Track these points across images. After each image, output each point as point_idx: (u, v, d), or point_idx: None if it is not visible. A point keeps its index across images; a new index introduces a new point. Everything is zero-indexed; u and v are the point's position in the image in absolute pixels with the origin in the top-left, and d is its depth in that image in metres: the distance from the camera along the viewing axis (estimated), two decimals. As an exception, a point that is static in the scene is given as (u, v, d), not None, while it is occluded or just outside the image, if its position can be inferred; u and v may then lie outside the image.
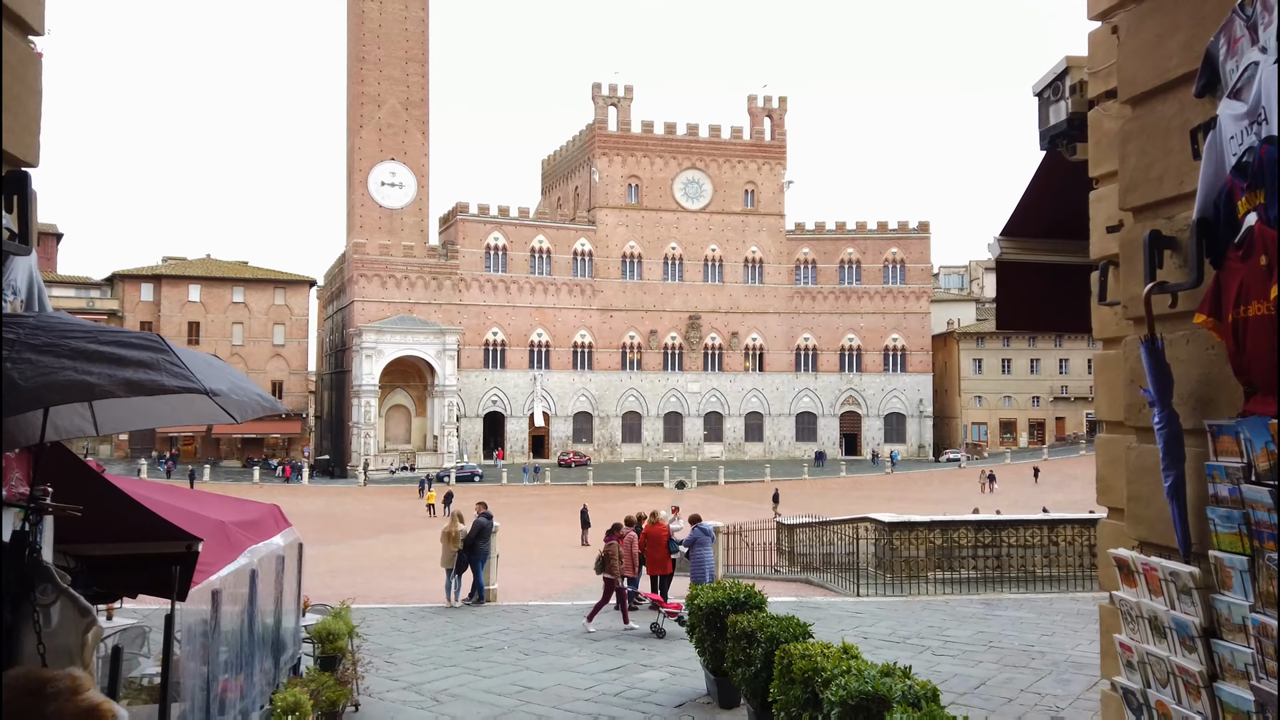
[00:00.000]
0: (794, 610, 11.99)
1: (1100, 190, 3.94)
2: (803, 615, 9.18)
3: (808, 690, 6.93)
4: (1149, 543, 2.98)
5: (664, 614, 13.40)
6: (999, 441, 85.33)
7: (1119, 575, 3.05)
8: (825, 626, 13.12)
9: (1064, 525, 17.82)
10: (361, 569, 26.51)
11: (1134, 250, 2.92)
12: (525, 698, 9.78)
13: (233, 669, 7.13)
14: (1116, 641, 3.07)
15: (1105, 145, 3.86)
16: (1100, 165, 3.92)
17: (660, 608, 13.49)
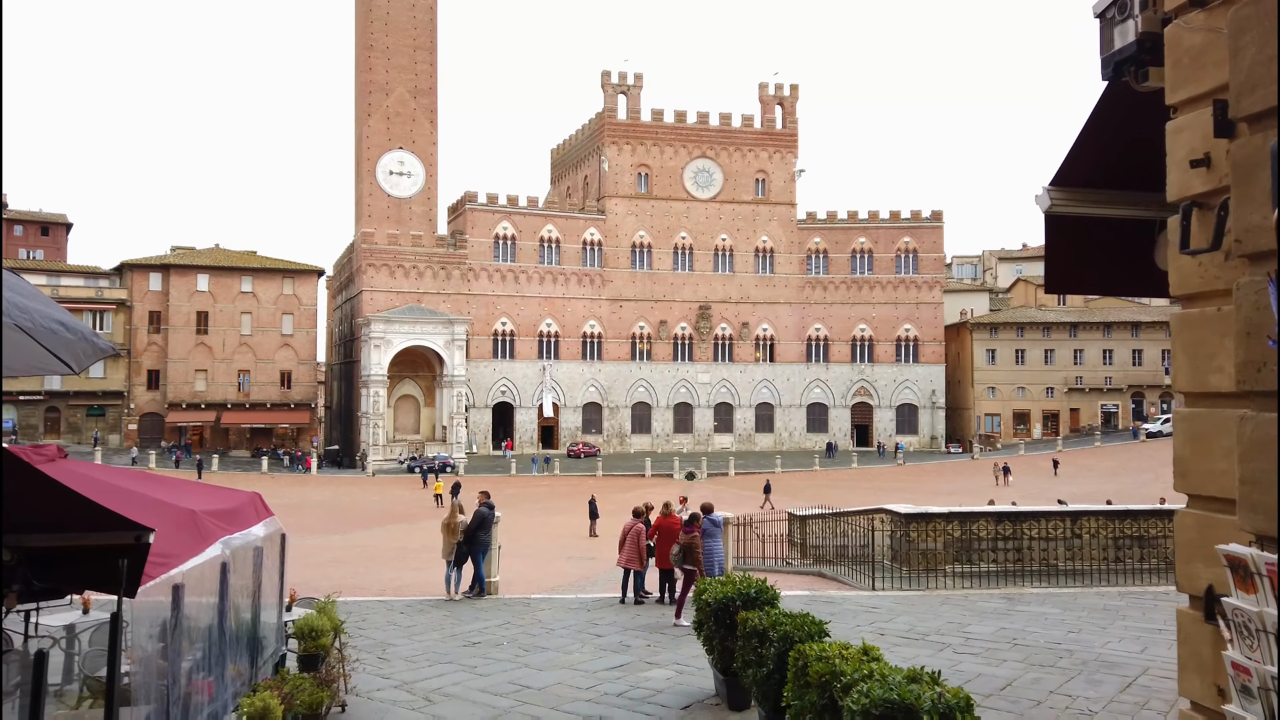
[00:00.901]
0: (807, 605, 11.42)
1: (1180, 119, 3.32)
2: (816, 610, 8.60)
3: (825, 696, 6.34)
4: (1271, 538, 2.36)
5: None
6: (1012, 433, 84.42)
7: (1231, 578, 2.43)
8: (840, 622, 12.54)
9: (1087, 517, 17.17)
10: (365, 559, 26.06)
11: (1252, 168, 2.30)
12: (522, 697, 9.23)
13: (201, 669, 6.59)
14: (1227, 661, 2.44)
15: (1187, 65, 3.24)
16: (1181, 89, 3.29)
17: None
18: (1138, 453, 68.51)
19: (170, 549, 6.22)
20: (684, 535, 13.68)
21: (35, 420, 67.55)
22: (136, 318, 72.16)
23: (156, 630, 5.79)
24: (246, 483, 58.11)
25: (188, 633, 6.39)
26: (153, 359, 72.64)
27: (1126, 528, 17.14)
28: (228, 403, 73.66)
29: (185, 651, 6.30)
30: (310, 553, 27.25)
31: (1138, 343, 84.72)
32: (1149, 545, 17.14)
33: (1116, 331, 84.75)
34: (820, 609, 11.26)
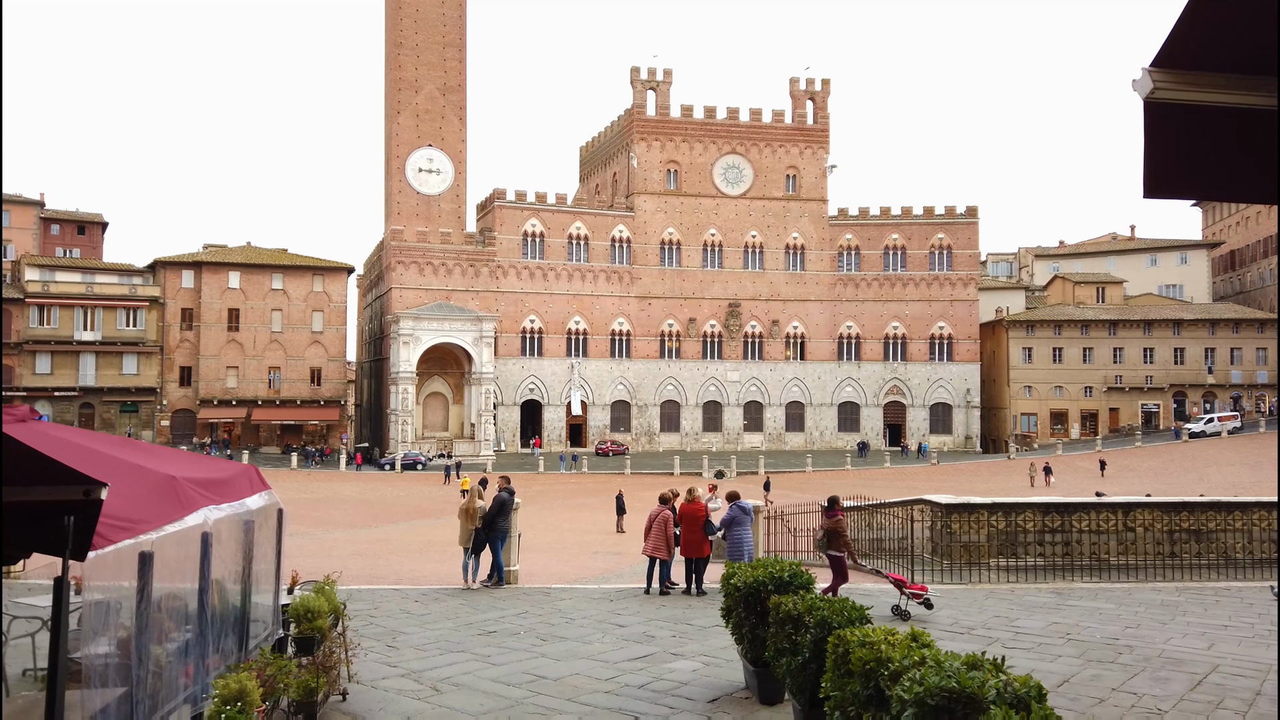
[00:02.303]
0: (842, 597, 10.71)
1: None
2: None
3: (869, 685, 5.61)
4: None
5: (907, 595, 12.20)
6: (1049, 433, 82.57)
7: None
8: (878, 615, 11.79)
9: (1140, 510, 16.21)
10: (387, 552, 25.61)
11: None
12: (536, 688, 8.58)
13: (176, 649, 5.98)
14: None
15: None
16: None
17: (903, 588, 12.28)
18: (1180, 453, 66.67)
19: (140, 514, 5.63)
20: (827, 519, 13.05)
21: (70, 416, 68.16)
22: (169, 315, 72.67)
23: (119, 603, 5.19)
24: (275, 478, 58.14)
25: (161, 608, 5.79)
26: (185, 356, 73.11)
27: (1182, 521, 16.17)
28: (258, 399, 73.96)
29: (157, 629, 5.70)
30: (333, 545, 26.89)
31: (1179, 341, 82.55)
32: (1206, 539, 16.16)
33: (1157, 329, 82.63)
34: (856, 601, 10.54)
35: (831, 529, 12.87)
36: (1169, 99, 3.66)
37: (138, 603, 5.31)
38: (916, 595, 12.17)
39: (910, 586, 12.30)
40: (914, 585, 12.42)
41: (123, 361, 71.25)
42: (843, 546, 12.77)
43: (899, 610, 12.28)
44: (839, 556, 12.77)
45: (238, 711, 5.22)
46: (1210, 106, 3.67)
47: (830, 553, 12.91)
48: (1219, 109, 3.67)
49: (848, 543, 12.87)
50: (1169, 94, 3.65)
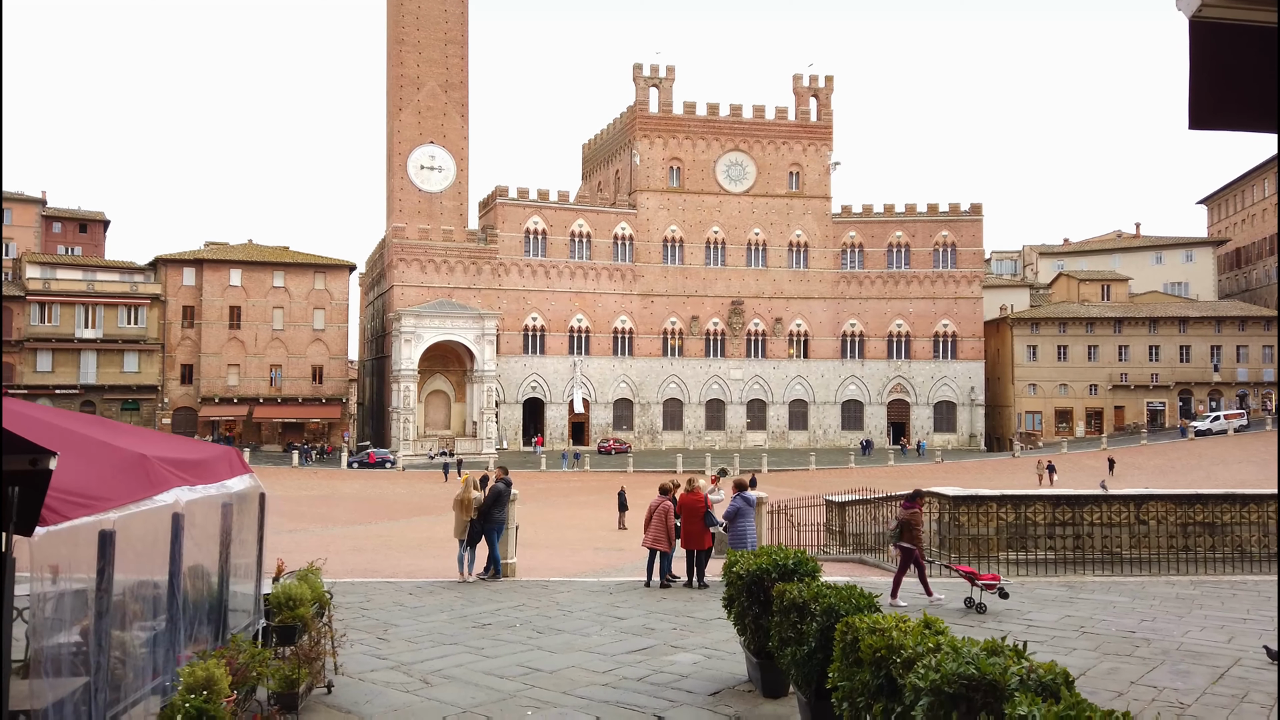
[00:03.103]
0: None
1: None
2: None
3: (880, 674, 5.26)
4: None
5: (981, 586, 11.86)
6: (1054, 431, 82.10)
7: None
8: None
9: (1153, 502, 15.83)
10: (386, 548, 25.29)
11: None
12: (531, 680, 8.23)
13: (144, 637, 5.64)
14: None
15: None
16: None
17: (975, 580, 11.94)
18: (1186, 451, 66.19)
19: (103, 491, 5.29)
20: (902, 510, 12.74)
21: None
22: (170, 312, 72.43)
23: (75, 585, 4.85)
24: (277, 475, 57.88)
25: (126, 592, 5.45)
26: (186, 353, 72.88)
27: (1195, 514, 15.79)
28: (260, 397, 73.70)
29: (121, 614, 5.36)
30: (331, 541, 26.58)
31: (1185, 339, 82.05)
32: (1220, 533, 15.78)
33: (1163, 327, 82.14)
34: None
35: (906, 520, 12.54)
36: (1216, 18, 3.32)
37: (98, 585, 4.97)
38: (990, 586, 11.81)
39: (982, 577, 11.94)
40: (985, 576, 12.06)
41: (124, 359, 71.03)
42: (915, 539, 12.40)
43: (973, 603, 11.90)
44: (910, 549, 12.41)
45: (203, 701, 4.88)
46: (1260, 26, 3.33)
47: (901, 544, 12.56)
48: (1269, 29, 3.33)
49: (919, 537, 12.51)
50: (1216, 12, 3.31)
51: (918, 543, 12.48)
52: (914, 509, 12.67)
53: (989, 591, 11.82)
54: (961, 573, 12.29)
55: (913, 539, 12.46)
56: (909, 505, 12.78)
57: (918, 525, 12.59)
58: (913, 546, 12.42)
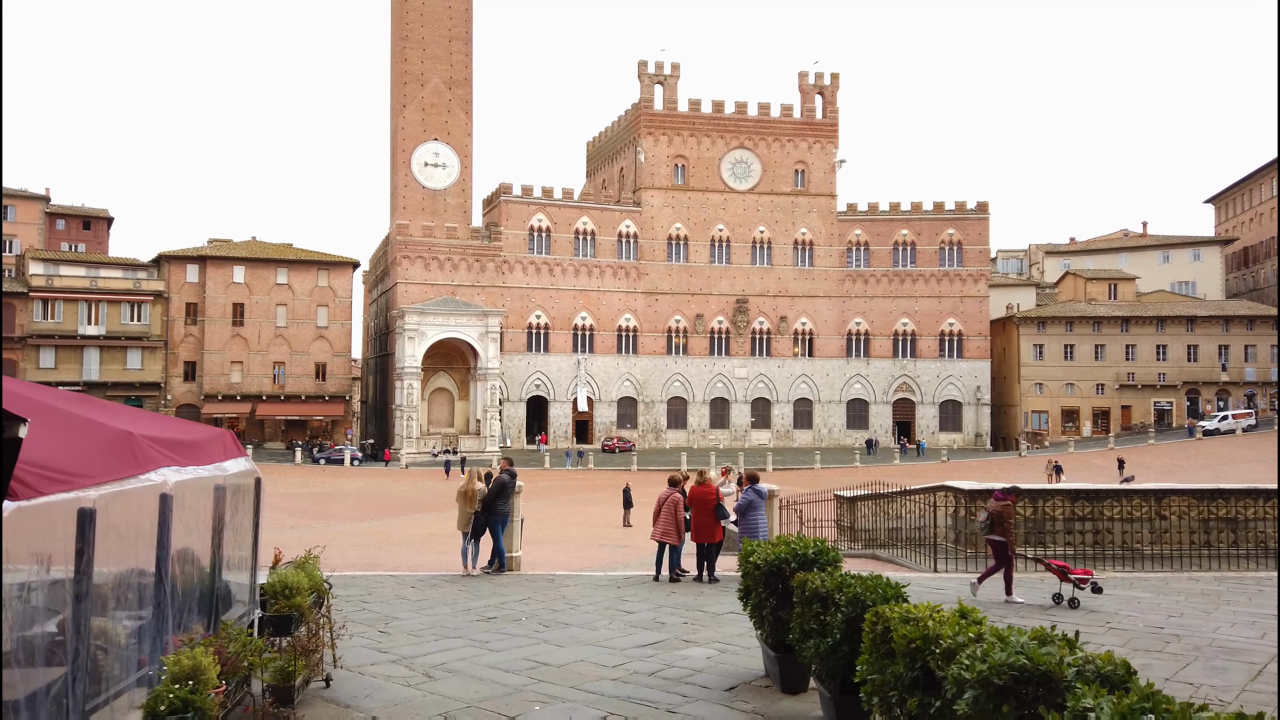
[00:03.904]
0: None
1: None
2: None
3: (915, 666, 4.91)
4: None
5: (1074, 581, 11.48)
6: (1061, 431, 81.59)
7: None
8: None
9: (1174, 497, 15.45)
10: (388, 544, 24.97)
11: None
12: (538, 675, 7.88)
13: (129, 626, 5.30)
14: None
15: None
16: None
17: (1068, 574, 11.56)
18: (1194, 450, 65.68)
19: (82, 468, 4.94)
20: (994, 503, 12.34)
21: (73, 411, 67.71)
22: (173, 309, 72.21)
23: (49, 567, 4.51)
24: (280, 473, 57.63)
25: (108, 577, 5.11)
26: (189, 350, 72.65)
27: (1217, 509, 15.40)
28: (263, 395, 73.44)
29: (102, 600, 5.02)
30: (333, 537, 26.25)
31: (1193, 338, 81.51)
32: (1243, 528, 15.39)
33: (1170, 326, 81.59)
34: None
35: (998, 513, 12.13)
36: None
37: (76, 567, 4.63)
38: (1083, 581, 11.43)
39: (1075, 572, 11.56)
40: (1078, 570, 11.69)
41: (127, 356, 70.80)
42: (1006, 532, 12.02)
43: (1064, 599, 11.51)
44: (1002, 542, 12.03)
45: (189, 692, 4.54)
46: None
47: (992, 538, 12.17)
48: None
49: (1009, 529, 12.11)
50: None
51: (1009, 537, 12.07)
52: (1006, 501, 12.23)
53: (1082, 587, 11.42)
54: (1053, 567, 11.89)
55: (1004, 532, 12.03)
56: (1001, 498, 12.34)
57: (1010, 518, 12.16)
58: (1004, 540, 12.01)
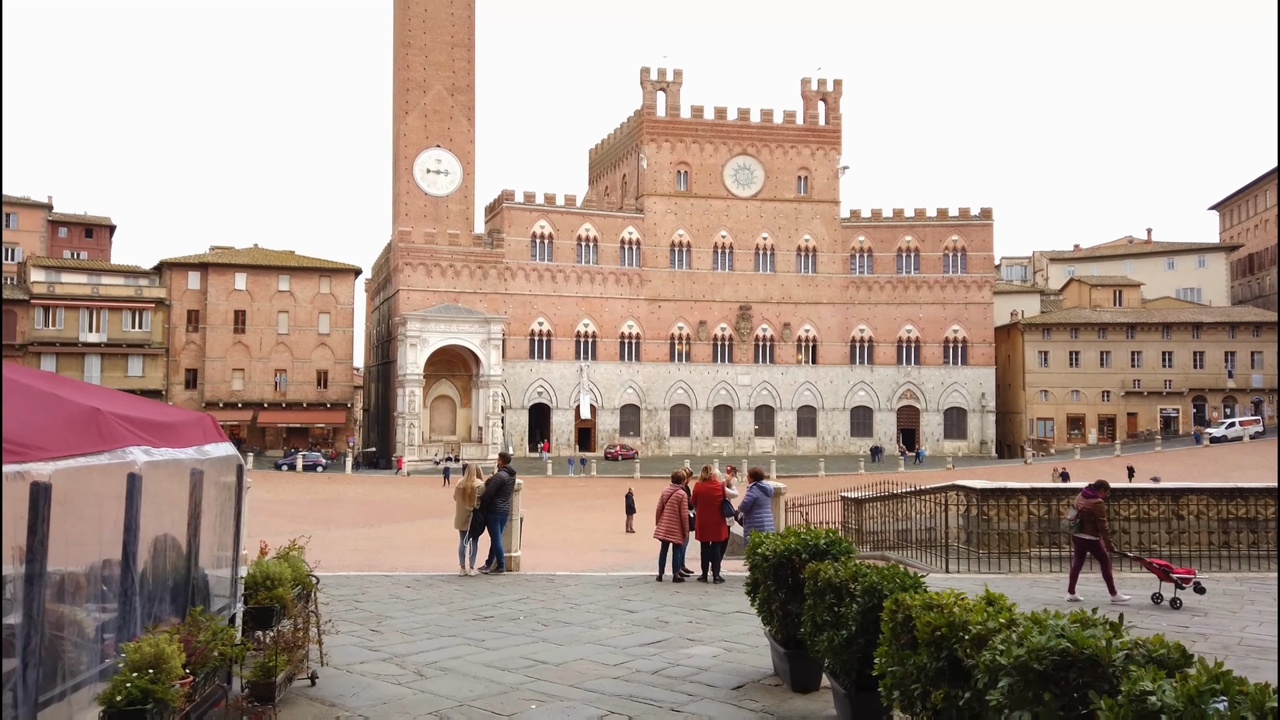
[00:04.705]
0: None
1: None
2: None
3: (941, 656, 4.52)
4: None
5: (1176, 581, 11.06)
6: (1066, 438, 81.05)
7: None
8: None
9: (1190, 496, 15.04)
10: (387, 548, 24.59)
11: None
12: (535, 673, 7.49)
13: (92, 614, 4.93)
14: None
15: None
16: None
17: (1170, 573, 11.15)
18: (1202, 457, 65.13)
19: (39, 441, 4.60)
20: (1083, 499, 11.91)
21: (73, 418, 67.42)
22: (175, 316, 72.01)
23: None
24: (280, 480, 57.27)
25: (66, 562, 4.74)
26: (191, 358, 72.42)
27: (1235, 508, 14.98)
28: (264, 402, 73.16)
29: (61, 587, 4.64)
30: (333, 542, 25.87)
31: (1199, 344, 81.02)
32: (1262, 528, 14.96)
33: (1176, 333, 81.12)
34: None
35: (1089, 510, 11.71)
36: None
37: (27, 547, 4.26)
38: (1185, 580, 11.01)
39: (1177, 571, 11.15)
40: (1180, 570, 11.28)
41: (128, 363, 70.56)
42: (1098, 530, 11.61)
43: (1167, 600, 11.10)
44: (1092, 540, 11.64)
45: (149, 681, 4.15)
46: None
47: (1081, 535, 11.77)
48: None
49: (1104, 527, 11.70)
50: None
51: (1104, 534, 11.64)
52: (1096, 498, 11.80)
53: (1184, 587, 10.99)
54: (1154, 566, 11.46)
55: (1096, 530, 11.61)
56: (1091, 494, 11.90)
57: (1102, 515, 11.71)
58: (1095, 538, 11.58)
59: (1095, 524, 11.59)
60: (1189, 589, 11.10)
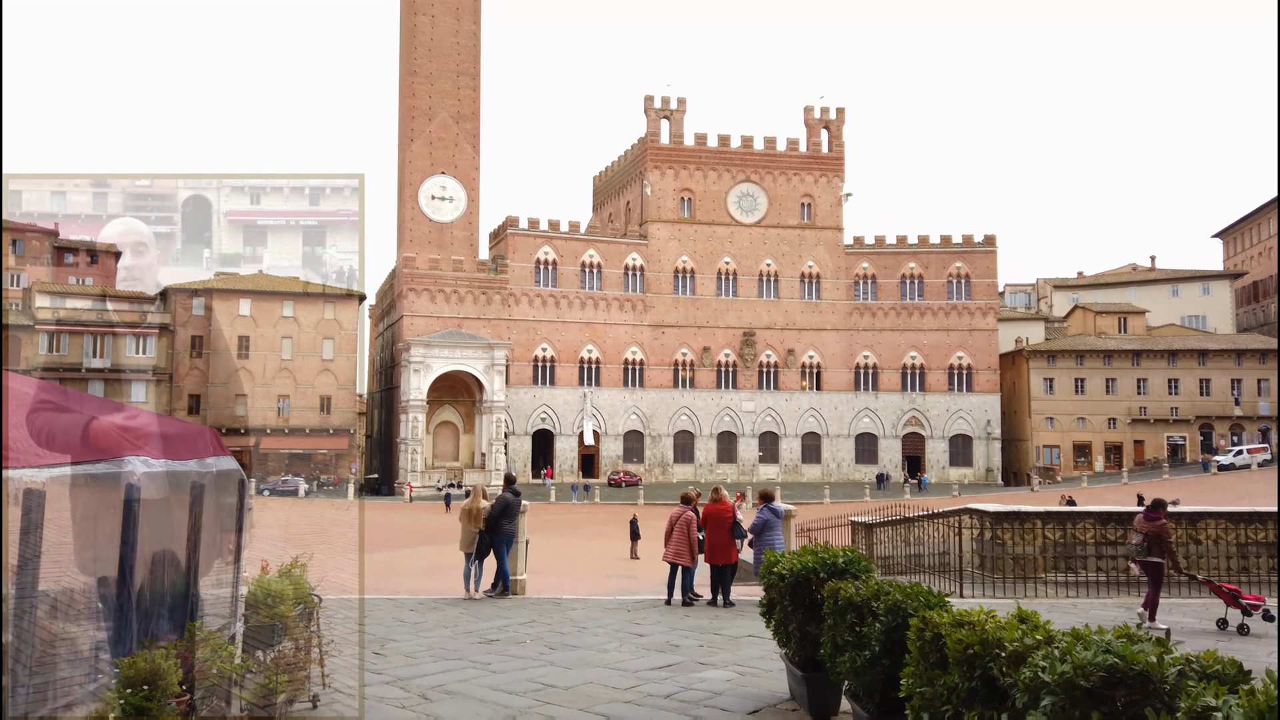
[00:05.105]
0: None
1: None
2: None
3: (973, 675, 4.31)
4: None
5: (1244, 607, 10.75)
6: (1073, 466, 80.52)
7: None
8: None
9: (1208, 520, 14.78)
10: (390, 574, 24.29)
11: None
12: (544, 697, 7.25)
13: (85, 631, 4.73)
14: None
15: None
16: None
17: (1239, 599, 10.86)
18: (1210, 485, 64.62)
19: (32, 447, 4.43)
20: (1145, 522, 11.59)
21: (75, 443, 67.25)
22: (179, 342, 72.02)
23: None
24: (282, 506, 56.94)
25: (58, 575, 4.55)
26: (194, 383, 72.33)
27: (1254, 533, 14.71)
28: (267, 428, 72.95)
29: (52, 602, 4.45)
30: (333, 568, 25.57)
31: (1205, 372, 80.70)
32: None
33: (1182, 360, 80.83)
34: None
35: (1154, 532, 11.40)
36: None
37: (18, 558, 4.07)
38: (1254, 606, 10.72)
39: (1246, 598, 10.88)
40: (1249, 596, 11.02)
41: (131, 389, 70.37)
42: (1165, 552, 11.32)
43: (1226, 624, 10.82)
44: (1159, 563, 11.36)
45: (143, 699, 3.95)
46: None
47: (1149, 560, 11.45)
48: None
49: (1171, 549, 11.42)
50: None
51: (1171, 556, 11.33)
52: (1159, 519, 11.48)
53: (1253, 614, 10.70)
54: (1223, 591, 11.13)
55: (1163, 551, 11.30)
56: (1153, 516, 11.57)
57: (1168, 536, 11.41)
58: (1163, 560, 11.27)
59: (1162, 546, 11.27)
60: (1257, 616, 10.77)
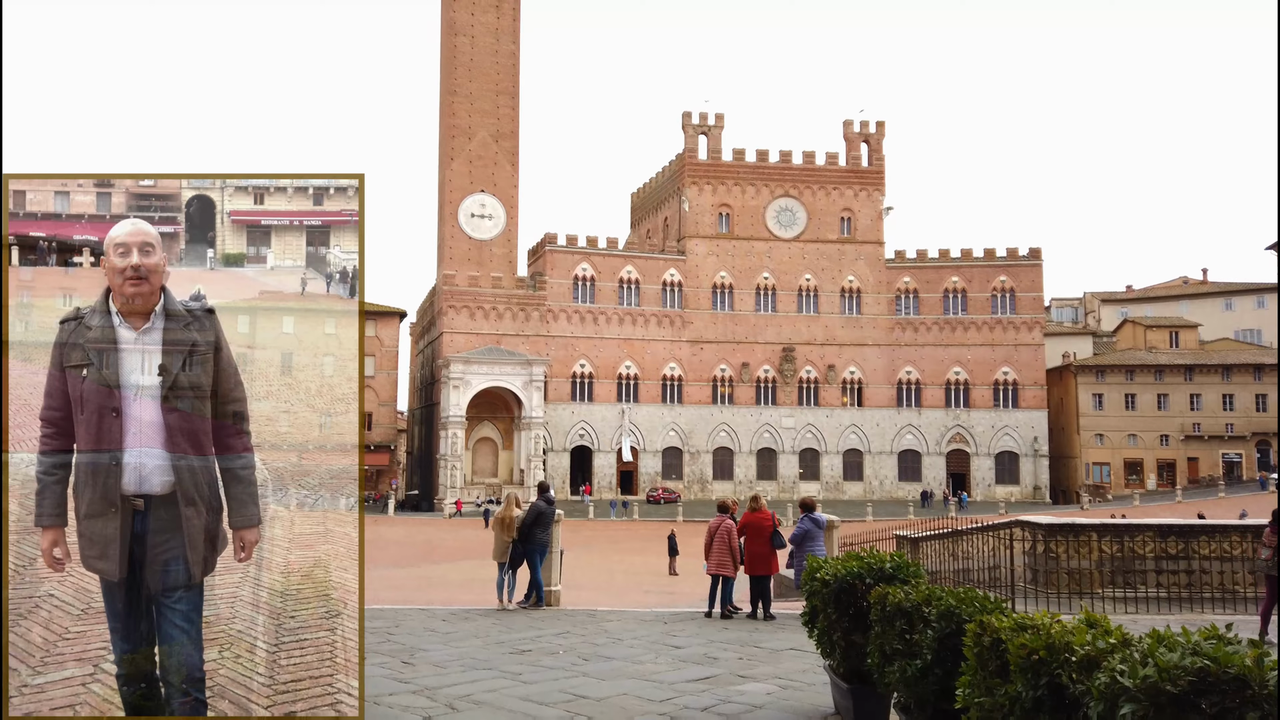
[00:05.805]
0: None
1: None
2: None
3: (1038, 683, 3.93)
4: None
5: None
6: (1124, 484, 78.48)
7: None
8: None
9: (1275, 534, 14.02)
10: (427, 586, 24.19)
11: None
12: (575, 708, 6.95)
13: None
14: None
15: None
16: None
17: None
18: (1268, 503, 62.39)
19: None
20: (1275, 536, 11.06)
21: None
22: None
23: None
24: (322, 522, 57.36)
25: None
26: (238, 400, 73.38)
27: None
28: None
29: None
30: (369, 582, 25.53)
31: (1261, 387, 78.32)
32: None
33: (1237, 375, 78.59)
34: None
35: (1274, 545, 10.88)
36: None
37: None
38: None
39: None
40: None
41: (177, 405, 71.64)
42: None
43: None
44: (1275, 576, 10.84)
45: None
46: None
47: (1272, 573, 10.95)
48: None
49: None
50: None
51: None
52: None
53: None
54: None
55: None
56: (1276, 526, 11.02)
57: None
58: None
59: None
60: None
